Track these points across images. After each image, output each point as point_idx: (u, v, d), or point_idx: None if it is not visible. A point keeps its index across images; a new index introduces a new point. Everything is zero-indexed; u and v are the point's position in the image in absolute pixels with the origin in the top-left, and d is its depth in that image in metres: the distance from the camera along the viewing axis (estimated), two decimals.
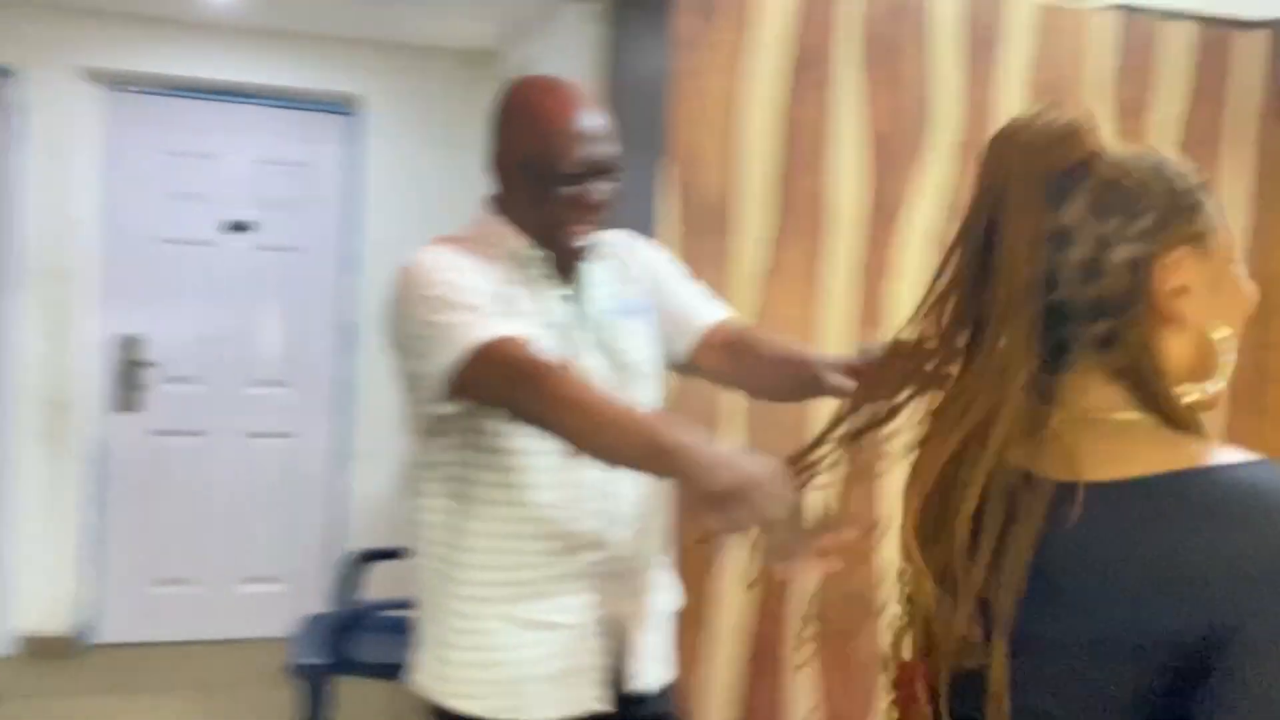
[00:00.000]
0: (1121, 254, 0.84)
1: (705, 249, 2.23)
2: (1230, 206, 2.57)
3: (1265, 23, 2.55)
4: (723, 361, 1.65)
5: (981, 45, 2.35)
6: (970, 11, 2.32)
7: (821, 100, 2.26)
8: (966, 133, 2.35)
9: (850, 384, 1.43)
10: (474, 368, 1.38)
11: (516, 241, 1.55)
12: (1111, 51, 2.43)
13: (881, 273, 2.34)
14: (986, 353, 0.86)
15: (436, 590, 1.55)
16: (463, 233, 1.59)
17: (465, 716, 1.51)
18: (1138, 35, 2.46)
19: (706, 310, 1.70)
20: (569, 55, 2.89)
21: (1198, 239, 0.85)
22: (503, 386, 1.39)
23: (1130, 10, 2.47)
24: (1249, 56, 2.55)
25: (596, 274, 1.61)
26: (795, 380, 1.57)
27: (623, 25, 2.60)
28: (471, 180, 4.03)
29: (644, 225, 2.24)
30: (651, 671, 1.61)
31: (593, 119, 1.51)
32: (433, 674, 1.55)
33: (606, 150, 1.51)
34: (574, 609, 1.52)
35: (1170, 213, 0.85)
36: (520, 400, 1.37)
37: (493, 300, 1.46)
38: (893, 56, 2.29)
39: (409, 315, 1.47)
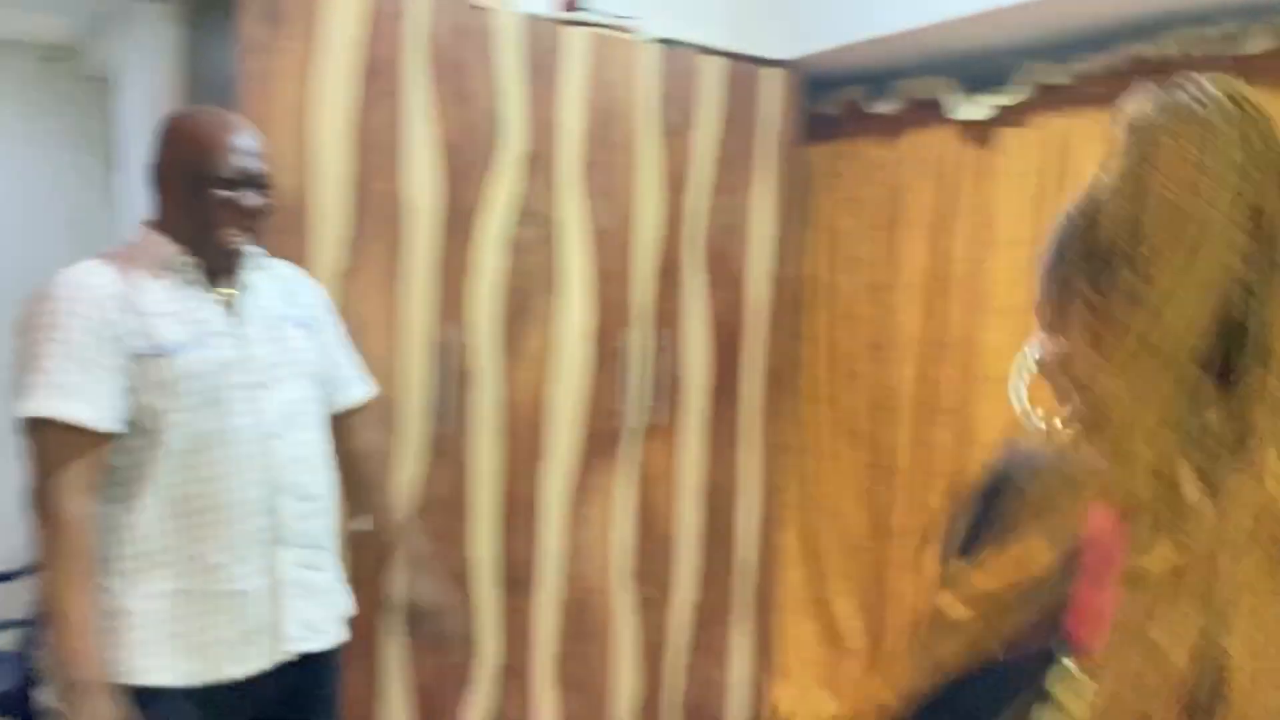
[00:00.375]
0: None
1: (284, 248, 2.30)
2: (760, 219, 3.00)
3: (783, 62, 3.01)
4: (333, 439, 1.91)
5: (542, 68, 2.59)
6: (530, 37, 2.56)
7: (393, 108, 2.40)
8: (533, 145, 2.59)
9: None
10: (27, 430, 1.55)
11: (169, 250, 1.65)
12: (657, 79, 2.77)
13: (461, 272, 2.52)
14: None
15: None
16: (118, 249, 1.70)
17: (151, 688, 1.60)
18: (678, 66, 2.82)
19: (354, 388, 1.95)
20: (148, 54, 2.84)
21: None
22: (30, 462, 1.56)
23: (671, 44, 2.82)
24: (771, 90, 2.99)
25: (261, 282, 1.75)
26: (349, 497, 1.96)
27: (197, 28, 2.62)
28: (47, 176, 3.80)
29: None
30: (317, 636, 1.77)
31: (244, 138, 1.68)
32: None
33: (256, 164, 1.68)
34: (243, 575, 1.65)
35: None
36: (32, 485, 1.56)
37: (94, 343, 1.58)
38: (460, 73, 2.48)
39: (18, 337, 1.60)
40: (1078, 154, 2.57)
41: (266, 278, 1.80)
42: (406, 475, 2.48)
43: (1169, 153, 0.77)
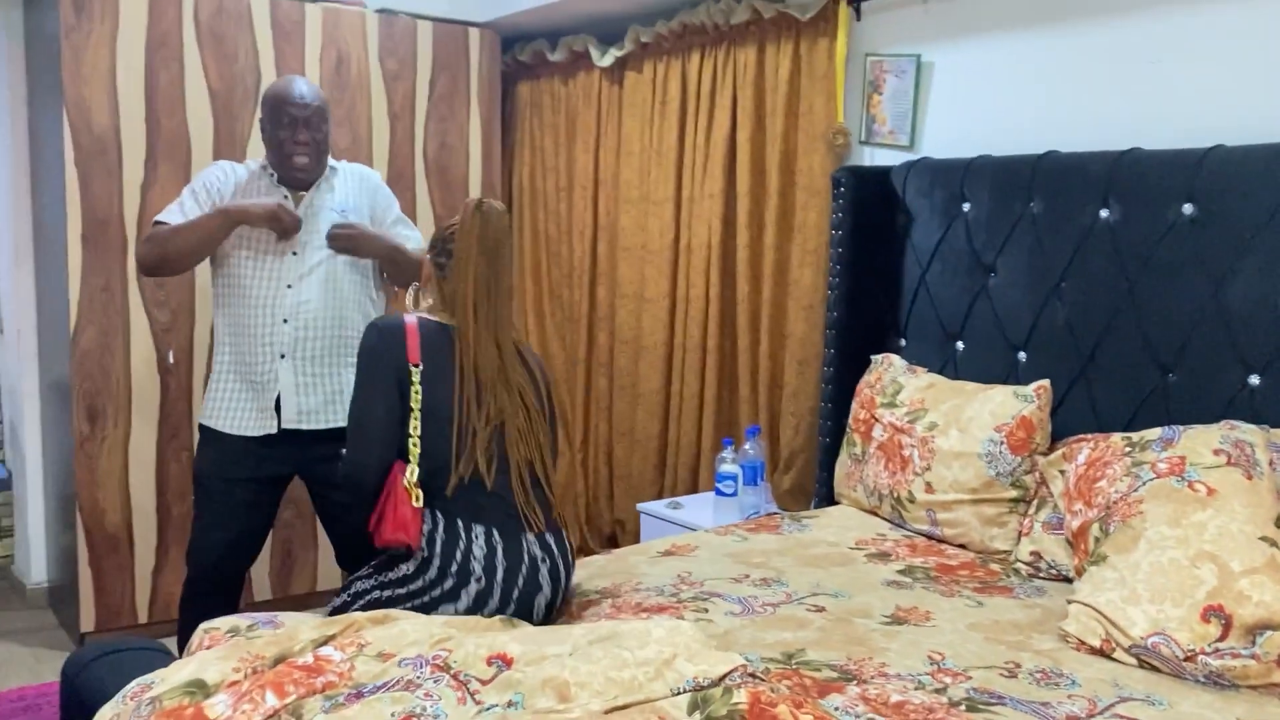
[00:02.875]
0: None
1: (101, 168, 3.36)
2: (474, 140, 4.12)
3: (486, 24, 4.11)
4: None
5: (288, 35, 3.66)
6: (278, 12, 3.62)
7: (174, 68, 3.46)
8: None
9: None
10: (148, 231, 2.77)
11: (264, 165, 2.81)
12: (377, 39, 3.85)
13: None
14: None
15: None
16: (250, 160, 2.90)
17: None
18: (399, 29, 3.90)
19: (404, 240, 2.91)
20: (0, 22, 3.80)
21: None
22: (141, 248, 2.76)
23: (391, 13, 3.91)
24: (476, 44, 4.10)
25: (324, 187, 2.80)
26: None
27: (30, 8, 3.63)
28: None
29: (56, 149, 3.34)
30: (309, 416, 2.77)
31: (298, 94, 2.72)
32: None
33: (304, 113, 2.71)
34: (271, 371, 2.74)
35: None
36: (143, 252, 2.75)
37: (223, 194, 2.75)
38: (223, 41, 3.53)
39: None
40: (669, 88, 3.73)
41: (331, 184, 2.82)
42: (203, 322, 3.58)
43: (467, 222, 2.11)
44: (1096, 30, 2.62)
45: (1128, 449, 2.12)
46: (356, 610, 2.07)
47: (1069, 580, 2.21)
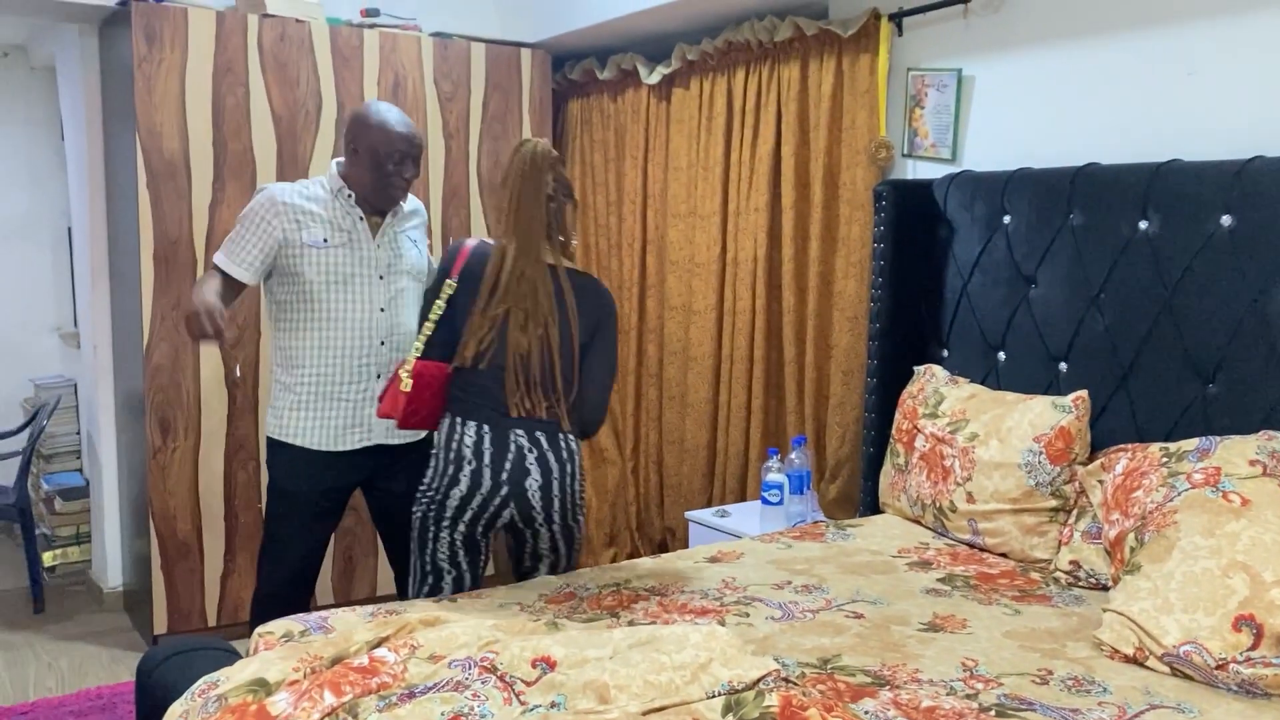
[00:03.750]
0: None
1: (171, 191, 3.53)
2: None
3: (536, 44, 4.22)
4: None
5: (347, 59, 3.80)
6: (337, 39, 3.76)
7: (240, 93, 3.61)
8: (341, 113, 3.80)
9: None
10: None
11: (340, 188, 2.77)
12: (433, 62, 3.98)
13: None
14: None
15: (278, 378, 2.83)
16: (313, 179, 2.83)
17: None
18: (453, 52, 4.03)
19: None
20: (77, 53, 4.00)
21: None
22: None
23: (446, 36, 4.03)
24: (528, 64, 4.21)
25: (400, 213, 2.84)
26: None
27: (105, 37, 3.82)
28: (10, 145, 4.99)
29: (130, 171, 3.51)
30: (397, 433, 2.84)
31: (410, 131, 2.72)
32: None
33: (415, 151, 2.72)
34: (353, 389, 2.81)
35: None
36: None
37: (285, 233, 2.71)
38: (285, 67, 3.69)
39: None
40: (715, 104, 3.81)
41: (403, 214, 2.83)
42: (267, 338, 3.73)
43: (512, 155, 2.48)
44: (1134, 42, 2.63)
45: (1164, 459, 2.14)
46: (416, 534, 2.52)
47: (1107, 589, 2.24)
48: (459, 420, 2.46)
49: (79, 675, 3.50)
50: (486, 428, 2.43)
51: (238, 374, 3.67)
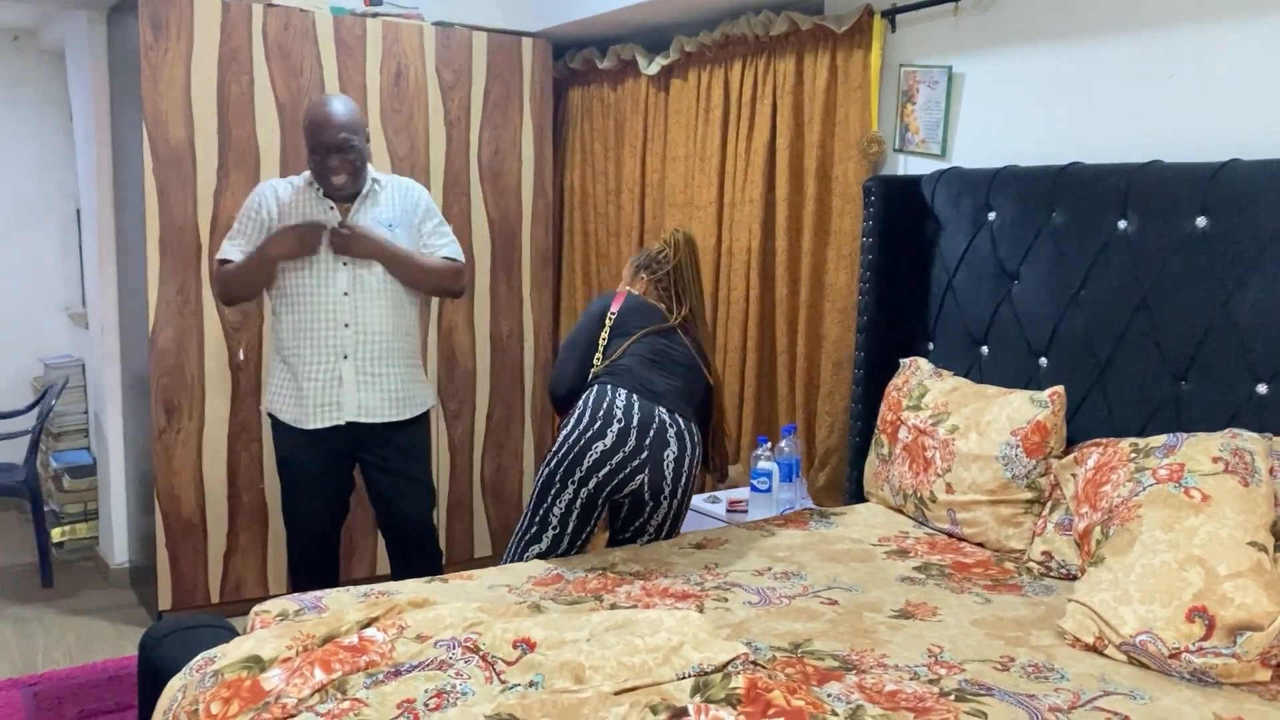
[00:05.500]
0: None
1: (176, 177, 3.60)
2: (526, 146, 4.29)
3: (537, 33, 4.27)
4: None
5: (350, 48, 3.86)
6: (340, 28, 3.82)
7: (244, 82, 3.68)
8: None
9: None
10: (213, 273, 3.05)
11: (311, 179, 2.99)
12: (435, 50, 4.04)
13: None
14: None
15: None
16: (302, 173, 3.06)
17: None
18: (455, 41, 4.08)
19: (437, 247, 3.12)
20: (85, 39, 4.06)
21: None
22: (215, 286, 3.08)
23: (447, 25, 4.08)
24: (529, 53, 4.26)
25: (369, 201, 2.99)
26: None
27: (114, 24, 3.88)
28: (20, 126, 5.05)
29: (136, 157, 3.58)
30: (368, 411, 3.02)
31: (329, 119, 2.87)
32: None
33: (334, 137, 2.86)
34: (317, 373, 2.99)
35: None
36: (223, 292, 3.04)
37: (271, 215, 2.97)
38: (289, 56, 3.75)
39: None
40: (713, 96, 3.86)
41: (374, 196, 3.00)
42: (270, 322, 3.81)
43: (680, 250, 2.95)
44: (1118, 45, 2.68)
45: (1133, 455, 2.21)
46: (539, 486, 2.64)
47: (1076, 579, 2.31)
48: (609, 386, 2.68)
49: (86, 649, 3.61)
50: (635, 397, 2.65)
51: (240, 357, 3.75)
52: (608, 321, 2.85)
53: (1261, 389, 2.26)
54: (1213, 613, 1.84)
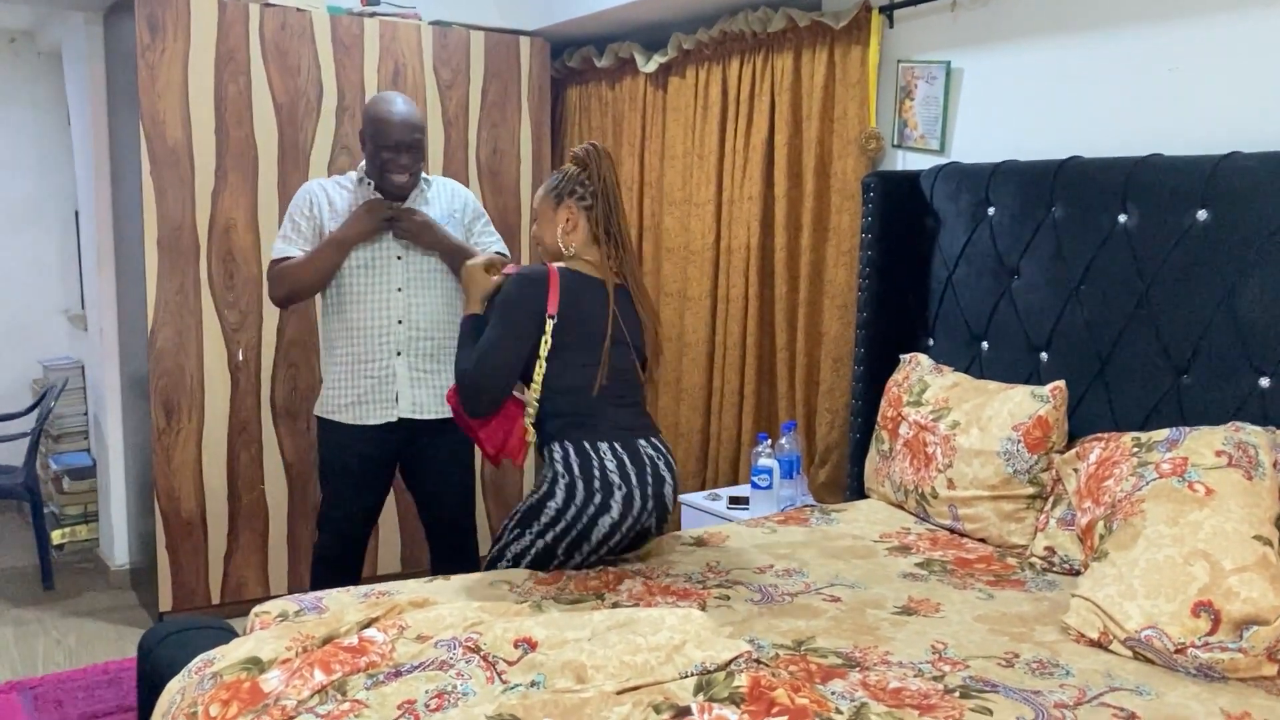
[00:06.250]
0: None
1: (174, 177, 3.59)
2: (524, 143, 4.28)
3: (535, 32, 4.26)
4: None
5: (348, 48, 3.85)
6: (338, 27, 3.81)
7: (242, 82, 3.67)
8: (344, 100, 3.85)
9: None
10: (268, 274, 2.97)
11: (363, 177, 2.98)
12: (433, 49, 4.03)
13: (295, 189, 3.80)
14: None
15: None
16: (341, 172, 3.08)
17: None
18: (452, 40, 4.07)
19: (488, 245, 3.11)
20: (83, 40, 4.05)
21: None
22: (272, 286, 2.95)
23: (445, 24, 4.07)
24: (527, 52, 4.25)
25: (419, 200, 3.00)
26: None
27: (110, 26, 3.87)
28: (17, 128, 5.04)
29: (134, 158, 3.57)
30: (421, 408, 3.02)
31: (400, 118, 2.86)
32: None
33: (407, 137, 2.87)
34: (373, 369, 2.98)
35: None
36: (283, 291, 2.94)
37: (323, 212, 2.94)
38: (287, 55, 3.74)
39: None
40: (711, 93, 3.85)
41: (427, 196, 3.01)
42: (269, 322, 3.80)
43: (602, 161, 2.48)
44: (1119, 38, 2.67)
45: (1135, 449, 2.20)
46: (537, 556, 2.40)
47: (1079, 574, 2.30)
48: (588, 444, 2.36)
49: (87, 651, 3.60)
50: (619, 445, 2.37)
51: (239, 358, 3.74)
52: (546, 328, 2.36)
53: (1264, 382, 2.25)
54: (1218, 607, 1.83)
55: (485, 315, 2.47)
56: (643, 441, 2.43)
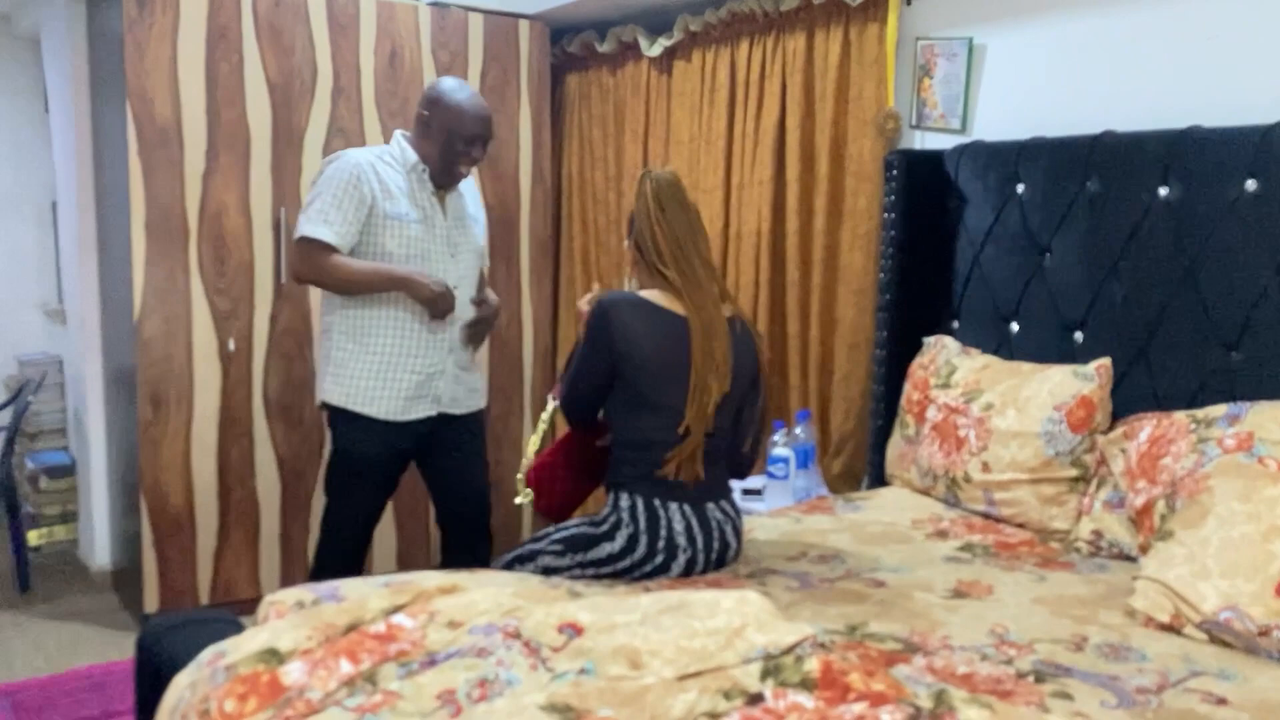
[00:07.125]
0: None
1: (163, 160, 3.44)
2: (524, 131, 4.16)
3: (534, 15, 4.14)
4: None
5: (344, 28, 3.71)
6: (334, 6, 3.68)
7: (234, 61, 3.52)
8: (339, 82, 3.71)
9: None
10: (299, 250, 2.73)
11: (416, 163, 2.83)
12: (431, 31, 3.90)
13: (289, 171, 3.66)
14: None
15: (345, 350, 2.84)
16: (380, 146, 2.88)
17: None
18: (451, 22, 3.94)
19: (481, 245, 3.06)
20: (63, 20, 3.89)
21: None
22: (304, 269, 2.75)
23: (443, 6, 3.95)
24: (526, 36, 4.13)
25: (461, 190, 2.93)
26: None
27: (93, 4, 3.72)
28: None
29: (120, 141, 3.42)
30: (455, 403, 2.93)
31: (485, 116, 2.79)
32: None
33: (487, 134, 2.79)
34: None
35: None
36: (313, 280, 2.76)
37: (374, 192, 2.74)
38: (280, 34, 3.59)
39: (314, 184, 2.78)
40: (718, 77, 3.74)
41: (461, 190, 2.94)
42: (261, 310, 3.65)
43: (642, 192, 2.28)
44: (1150, 7, 2.59)
45: (1193, 426, 2.10)
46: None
47: (1131, 558, 2.20)
48: (657, 503, 2.17)
49: (68, 655, 3.42)
50: (688, 508, 2.19)
51: (231, 347, 3.59)
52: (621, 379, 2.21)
53: None
54: None
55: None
56: (712, 505, 2.24)
